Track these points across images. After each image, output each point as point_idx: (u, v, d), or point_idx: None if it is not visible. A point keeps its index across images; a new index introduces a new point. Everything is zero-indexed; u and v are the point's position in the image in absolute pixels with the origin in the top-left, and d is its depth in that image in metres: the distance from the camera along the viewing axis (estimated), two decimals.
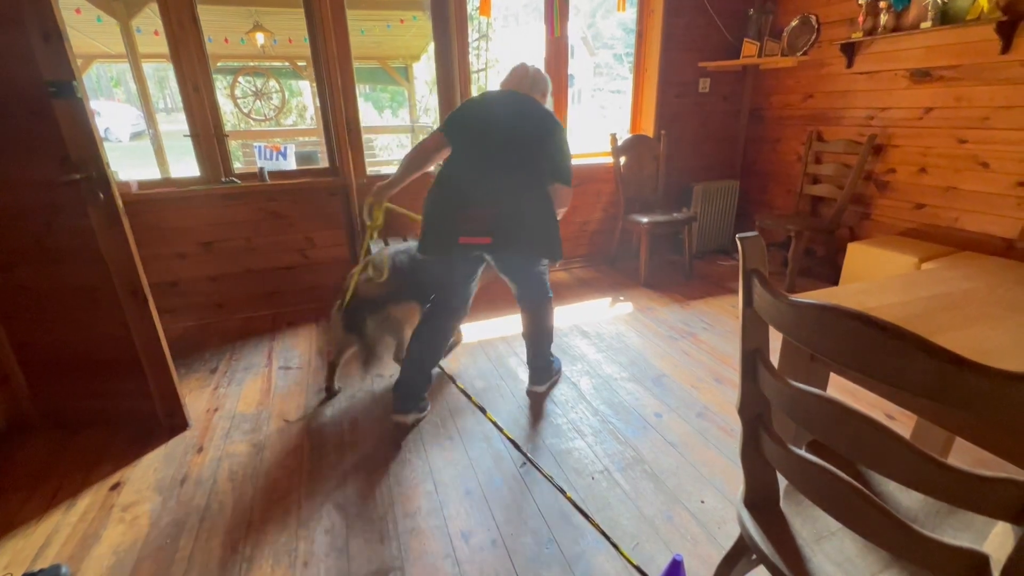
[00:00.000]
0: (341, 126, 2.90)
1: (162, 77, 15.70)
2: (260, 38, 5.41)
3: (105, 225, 1.68)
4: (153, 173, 4.48)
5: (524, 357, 2.44)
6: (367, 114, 10.64)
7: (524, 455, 1.77)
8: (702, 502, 1.54)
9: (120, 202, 1.69)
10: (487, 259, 1.94)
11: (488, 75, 5.81)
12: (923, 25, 2.61)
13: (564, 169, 1.84)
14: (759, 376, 0.86)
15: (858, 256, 2.82)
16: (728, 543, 1.38)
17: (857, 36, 2.93)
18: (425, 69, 7.90)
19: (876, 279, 2.71)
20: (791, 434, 1.22)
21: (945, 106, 2.67)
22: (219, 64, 6.66)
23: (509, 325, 2.81)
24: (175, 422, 1.96)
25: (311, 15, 2.77)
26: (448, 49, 3.10)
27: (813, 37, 3.25)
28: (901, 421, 1.89)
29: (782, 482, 1.02)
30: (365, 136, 5.09)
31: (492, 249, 1.83)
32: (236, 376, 2.34)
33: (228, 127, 6.85)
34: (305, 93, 9.61)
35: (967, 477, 0.59)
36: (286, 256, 3.01)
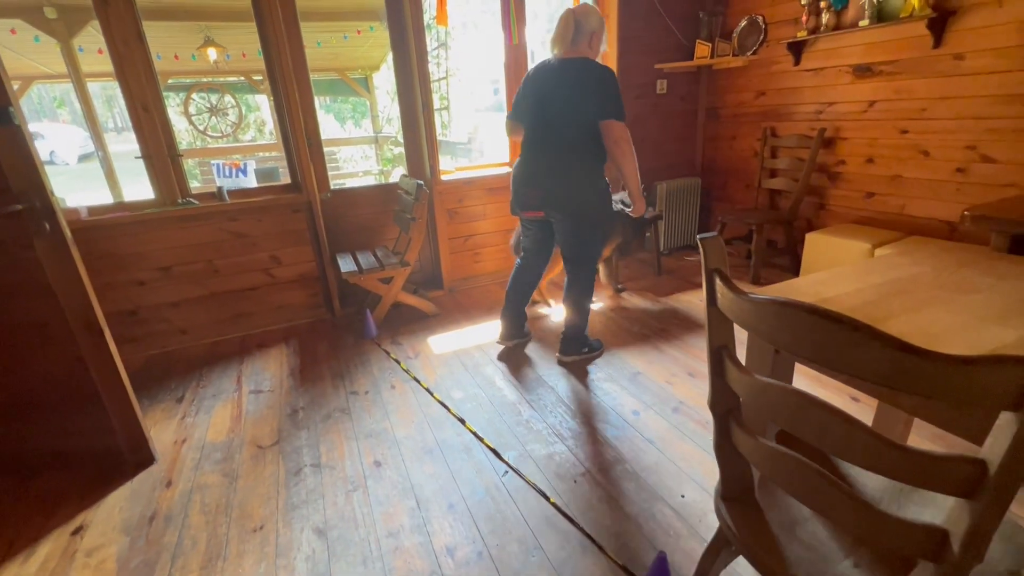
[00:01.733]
0: (301, 140, 2.85)
1: (110, 96, 15.12)
2: (212, 53, 5.28)
3: (53, 256, 1.60)
4: (104, 197, 4.30)
5: (499, 364, 2.45)
6: (329, 126, 10.46)
7: (506, 463, 1.77)
8: (682, 496, 1.57)
9: (68, 231, 1.62)
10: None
11: (449, 83, 5.81)
12: (861, 23, 2.74)
13: (610, 107, 1.98)
14: (727, 372, 0.88)
15: (816, 245, 2.93)
16: (709, 535, 1.41)
17: (802, 35, 3.06)
18: (386, 78, 7.84)
19: (834, 267, 2.82)
20: (761, 425, 1.26)
21: (886, 99, 2.81)
22: (170, 81, 6.46)
23: (484, 333, 2.80)
24: (140, 457, 1.88)
25: (263, 29, 2.72)
26: (407, 59, 3.08)
27: (761, 37, 3.37)
28: (865, 403, 1.97)
29: (756, 473, 1.05)
30: (328, 149, 5.02)
31: (546, 219, 2.22)
32: (204, 404, 2.26)
33: (183, 145, 6.64)
34: (263, 107, 9.40)
35: (923, 457, 0.61)
36: (251, 276, 2.93)
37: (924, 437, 1.76)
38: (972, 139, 2.50)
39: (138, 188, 4.23)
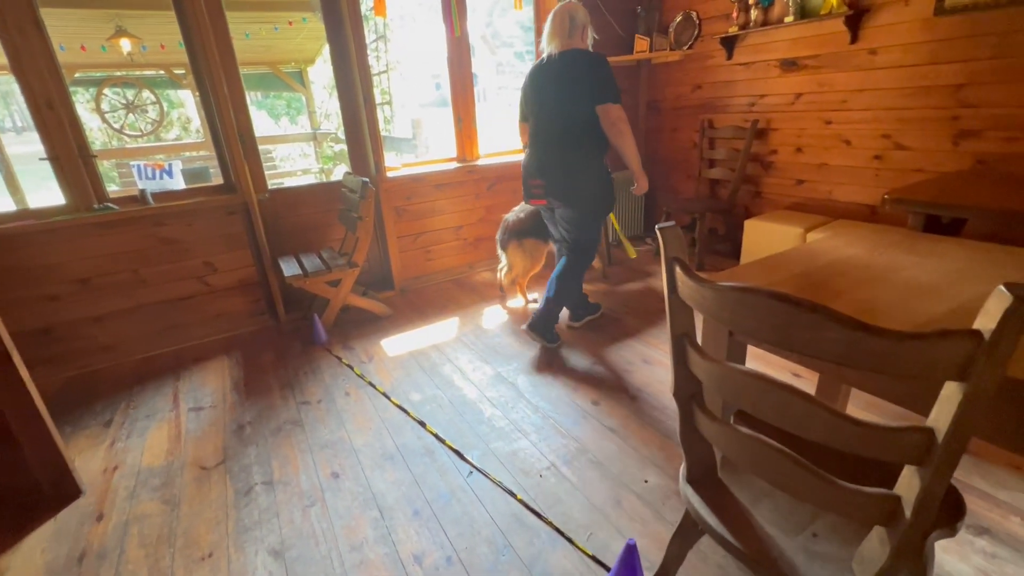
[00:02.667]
0: (233, 138, 2.67)
1: (6, 92, 13.62)
2: (125, 44, 4.85)
3: None
4: (6, 204, 3.86)
5: (458, 364, 2.41)
6: (262, 123, 9.91)
7: (470, 464, 1.74)
8: (646, 482, 1.60)
9: None
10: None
11: (390, 77, 5.64)
12: (787, 19, 2.89)
13: (604, 90, 2.07)
14: (689, 359, 0.90)
15: (754, 231, 3.08)
16: (674, 517, 1.45)
17: (733, 30, 3.19)
18: (322, 72, 7.51)
19: (773, 251, 2.98)
20: (719, 408, 1.30)
21: (811, 92, 2.99)
22: (77, 75, 5.89)
23: (439, 332, 2.75)
24: (64, 490, 1.70)
25: (184, 19, 2.52)
26: (345, 51, 2.96)
27: (696, 32, 3.49)
28: (807, 377, 2.09)
29: (718, 455, 1.08)
30: (263, 147, 4.76)
31: (551, 207, 2.37)
32: (137, 426, 2.08)
33: (97, 145, 6.08)
34: (188, 104, 8.77)
35: (877, 430, 0.64)
36: (184, 285, 2.73)
37: (859, 406, 1.89)
38: (886, 128, 2.71)
39: (45, 193, 3.83)
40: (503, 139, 4.69)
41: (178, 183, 3.15)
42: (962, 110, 2.41)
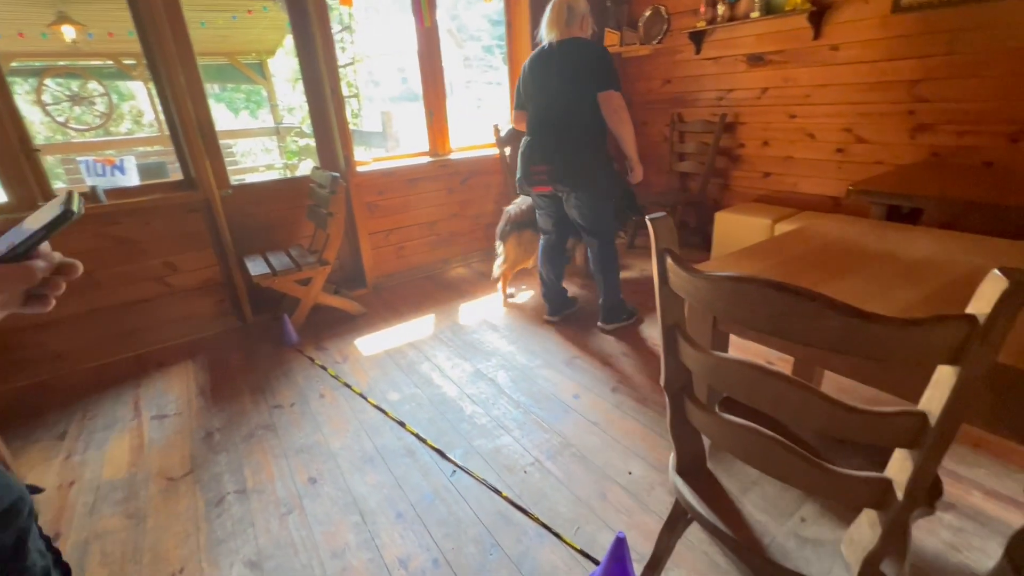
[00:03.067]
0: (192, 132, 2.53)
1: None
2: (69, 32, 4.55)
3: None
4: None
5: (436, 362, 2.37)
6: (221, 117, 9.52)
7: (453, 463, 1.71)
8: (630, 473, 1.61)
9: None
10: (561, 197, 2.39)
11: (357, 69, 5.49)
12: (752, 15, 2.95)
13: (604, 77, 2.11)
14: (680, 350, 0.90)
15: (724, 224, 3.15)
16: (658, 507, 1.46)
17: (701, 25, 3.24)
18: (284, 64, 7.25)
19: (743, 243, 3.04)
20: (704, 396, 1.31)
21: (777, 86, 3.06)
22: (14, 64, 5.49)
23: (415, 330, 2.70)
24: None
25: (135, 4, 2.37)
26: (310, 42, 2.85)
27: (665, 27, 3.53)
28: (779, 366, 2.14)
29: (707, 444, 1.08)
30: (222, 142, 4.57)
31: (557, 193, 2.36)
32: (95, 437, 1.96)
33: (40, 140, 5.72)
34: (140, 96, 8.32)
35: (871, 416, 0.65)
36: (142, 287, 2.58)
37: (830, 389, 1.94)
38: (848, 122, 2.80)
39: None
40: (474, 134, 4.63)
41: (131, 179, 2.99)
42: (918, 105, 2.52)
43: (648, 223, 0.84)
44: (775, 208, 3.11)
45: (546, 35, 2.23)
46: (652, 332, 2.51)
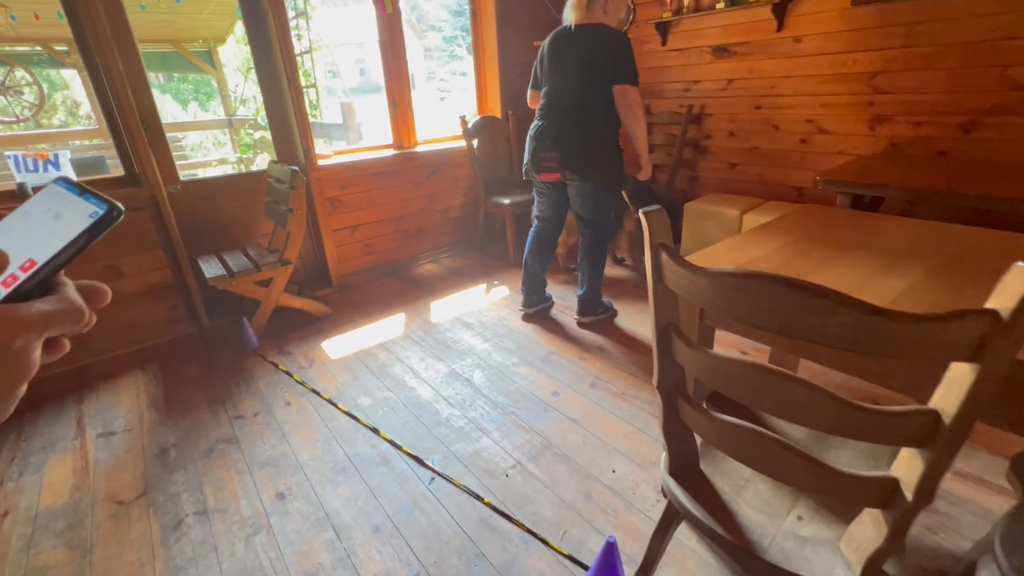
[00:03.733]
0: (134, 124, 2.34)
1: None
2: None
3: None
4: None
5: (408, 363, 2.28)
6: (168, 109, 8.97)
7: (431, 469, 1.64)
8: (613, 472, 1.58)
9: None
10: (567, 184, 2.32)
11: (314, 58, 5.25)
12: (718, 6, 2.96)
13: (621, 71, 2.05)
14: (675, 349, 0.86)
15: (693, 215, 3.17)
16: (644, 505, 1.43)
17: (667, 16, 3.23)
18: (235, 53, 6.87)
19: (713, 234, 3.07)
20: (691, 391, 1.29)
21: (742, 78, 3.09)
22: None
23: (385, 330, 2.60)
24: None
25: None
26: (263, 29, 2.67)
27: (631, 16, 3.51)
28: (753, 355, 2.16)
29: (700, 444, 1.05)
30: (170, 135, 4.30)
31: (564, 180, 2.29)
32: (31, 461, 1.78)
33: None
34: (75, 85, 7.73)
35: (882, 415, 0.63)
36: None
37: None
38: (810, 113, 2.85)
39: None
40: (439, 126, 4.50)
41: (67, 175, 2.74)
42: (876, 96, 2.58)
43: (641, 217, 0.79)
44: (743, 199, 3.15)
45: (568, 16, 2.17)
46: (627, 325, 2.50)
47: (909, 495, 0.66)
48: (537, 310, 2.66)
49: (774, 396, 0.70)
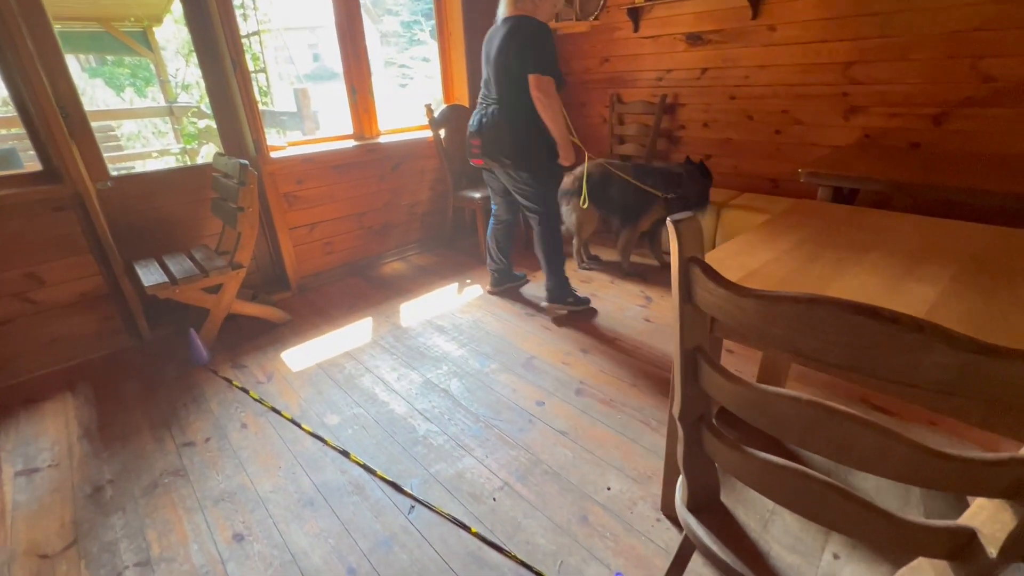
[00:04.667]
0: (50, 112, 2.04)
1: None
2: None
3: None
4: None
5: (379, 373, 2.11)
6: (101, 95, 8.23)
7: (410, 496, 1.49)
8: (608, 489, 1.48)
9: None
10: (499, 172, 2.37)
11: (263, 40, 4.88)
12: None
13: (535, 60, 2.06)
14: (703, 377, 0.74)
15: None
16: (644, 526, 1.34)
17: (639, 1, 3.13)
18: (174, 34, 6.34)
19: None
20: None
21: (716, 67, 3.02)
22: None
23: (351, 337, 2.40)
24: None
25: None
26: (204, 7, 2.39)
27: (602, 2, 3.38)
28: (739, 353, 2.11)
29: (722, 476, 0.95)
30: (102, 123, 3.92)
31: (490, 167, 2.37)
32: None
33: None
34: None
35: (971, 464, 0.53)
36: None
37: (797, 387, 1.93)
38: (785, 104, 2.82)
39: None
40: (402, 115, 4.27)
41: None
42: (851, 87, 2.56)
43: (671, 225, 0.67)
44: (719, 191, 3.10)
45: (499, 10, 2.23)
46: (608, 324, 2.40)
47: (992, 550, 0.57)
48: (506, 288, 2.72)
49: (835, 440, 0.59)
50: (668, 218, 0.67)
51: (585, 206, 2.66)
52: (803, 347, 0.57)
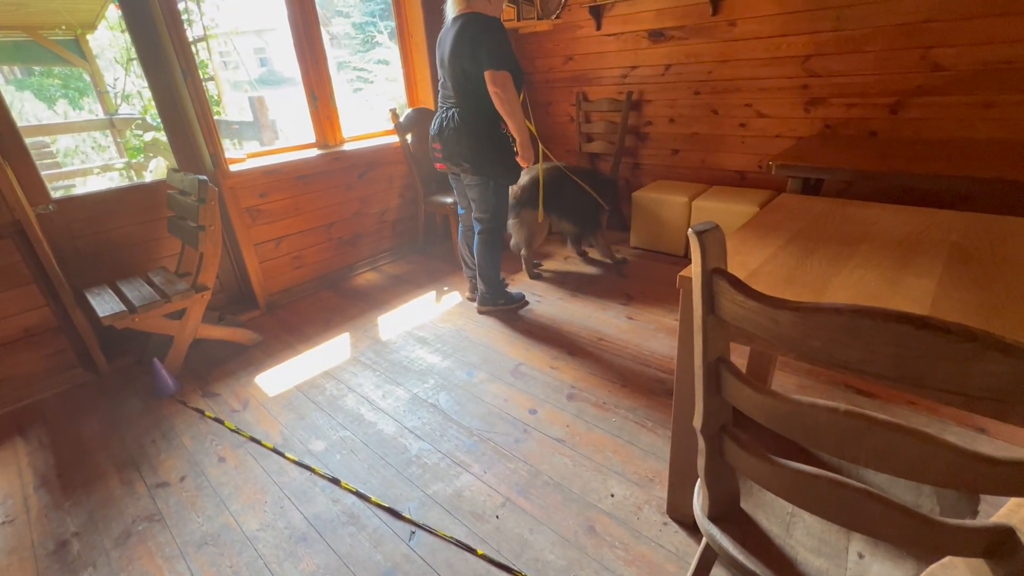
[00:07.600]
0: None
1: None
2: None
3: None
4: None
5: (362, 392, 2.03)
6: (31, 108, 7.66)
7: (409, 522, 1.43)
8: (612, 496, 1.46)
9: None
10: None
11: (210, 46, 4.63)
12: None
13: (489, 57, 1.98)
14: (726, 388, 0.72)
15: (643, 203, 3.12)
16: (652, 531, 1.32)
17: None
18: (110, 41, 5.95)
19: (663, 222, 3.03)
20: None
21: (680, 63, 3.06)
22: None
23: (329, 354, 2.30)
24: None
25: None
26: (145, 12, 2.23)
27: (563, 1, 3.36)
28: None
29: (743, 483, 0.94)
30: (35, 139, 3.66)
31: (451, 172, 2.38)
32: None
33: None
34: None
35: (1018, 466, 0.52)
36: None
37: (779, 384, 1.96)
38: (748, 98, 2.88)
39: None
40: (363, 121, 4.14)
41: None
42: (810, 79, 2.63)
43: (693, 235, 0.64)
44: (688, 185, 3.15)
45: (448, 10, 2.15)
46: (591, 324, 2.39)
47: None
48: (498, 309, 2.57)
49: (876, 449, 0.58)
50: (690, 229, 0.64)
51: (541, 220, 2.65)
52: (844, 358, 0.56)
